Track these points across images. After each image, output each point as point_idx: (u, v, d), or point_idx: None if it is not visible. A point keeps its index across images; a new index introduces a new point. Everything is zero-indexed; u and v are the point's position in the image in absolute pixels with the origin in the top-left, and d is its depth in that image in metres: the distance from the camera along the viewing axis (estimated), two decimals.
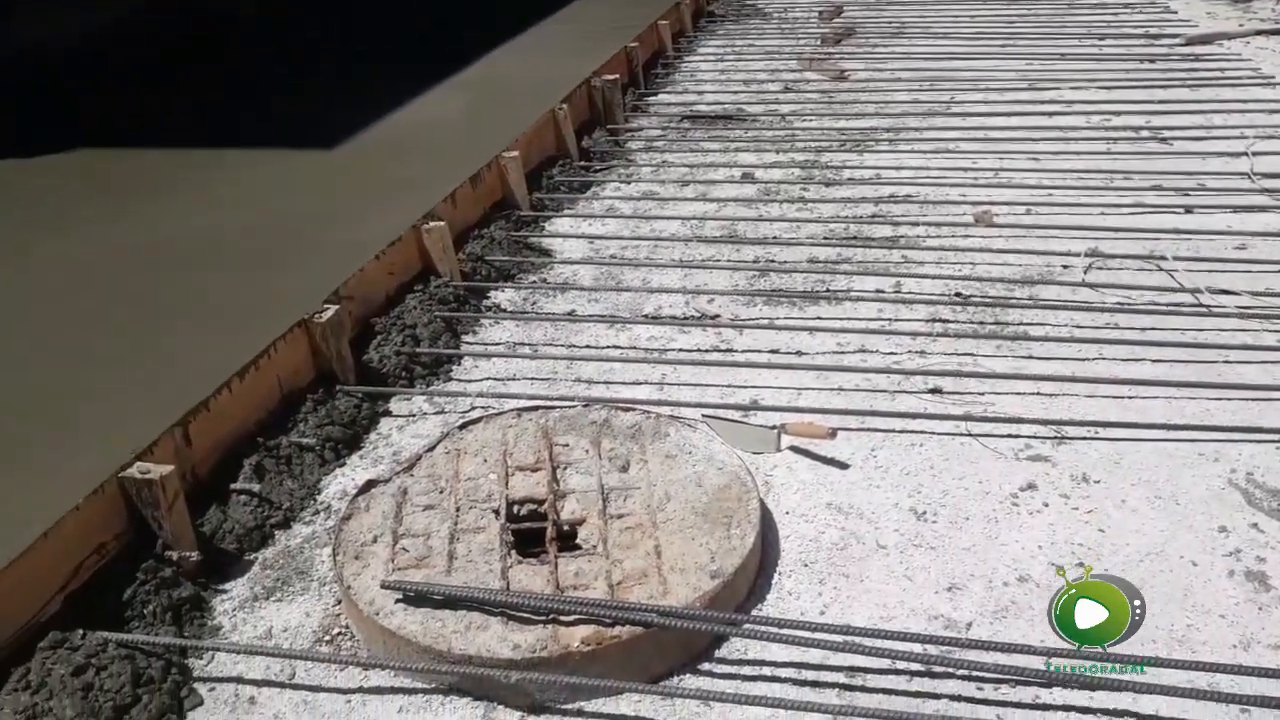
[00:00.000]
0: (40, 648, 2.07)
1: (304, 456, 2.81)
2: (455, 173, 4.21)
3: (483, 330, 3.60)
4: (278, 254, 3.64)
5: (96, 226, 4.04)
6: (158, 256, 3.71)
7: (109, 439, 2.46)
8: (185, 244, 3.80)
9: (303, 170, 4.59)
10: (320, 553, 2.52)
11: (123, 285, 3.51)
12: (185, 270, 3.57)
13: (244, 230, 3.89)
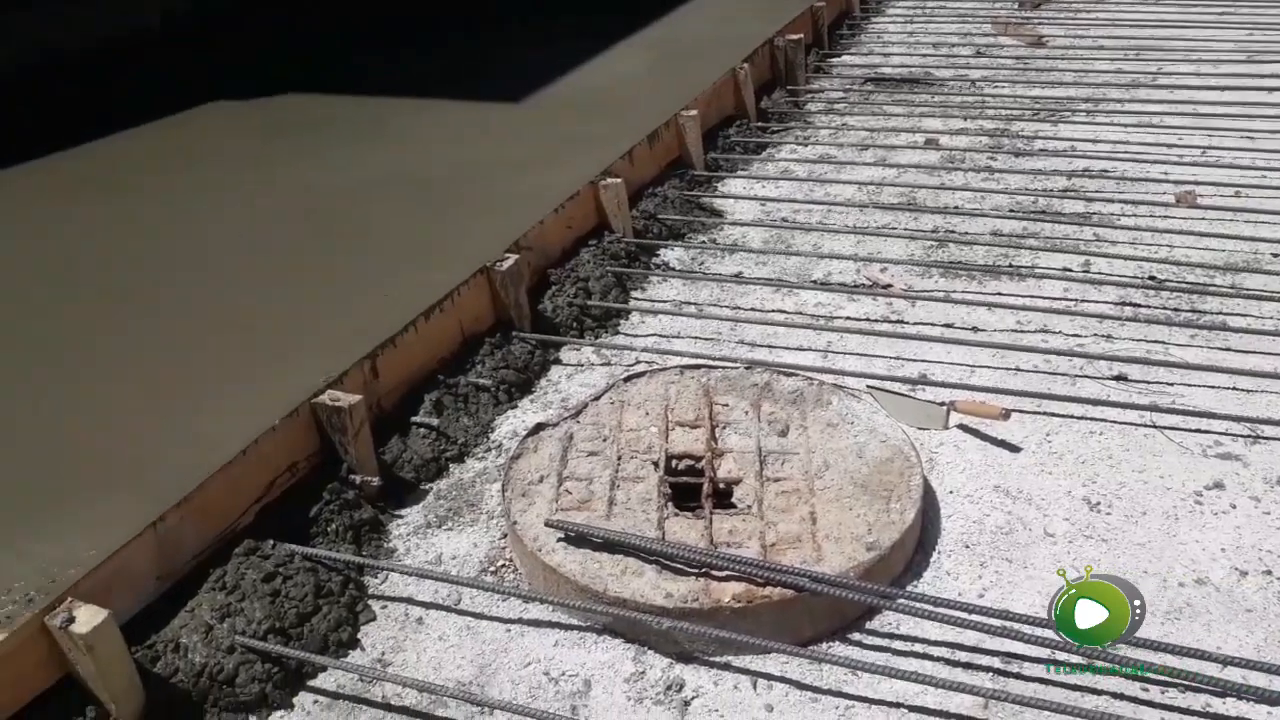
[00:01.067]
0: (236, 553, 2.26)
1: (480, 396, 2.94)
2: (634, 130, 4.26)
3: (651, 287, 3.65)
4: (465, 201, 3.79)
5: (302, 164, 4.31)
6: (354, 195, 3.92)
7: (305, 365, 2.63)
8: (380, 185, 4.00)
9: (491, 122, 4.74)
10: (490, 488, 2.64)
11: (323, 220, 3.74)
12: (380, 210, 3.77)
13: (434, 177, 4.06)
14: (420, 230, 3.58)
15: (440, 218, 3.67)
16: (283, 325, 2.98)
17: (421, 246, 3.42)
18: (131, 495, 2.19)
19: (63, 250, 3.67)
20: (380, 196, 3.91)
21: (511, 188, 3.85)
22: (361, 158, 4.37)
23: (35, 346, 2.97)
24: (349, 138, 4.66)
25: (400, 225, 3.64)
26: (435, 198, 3.87)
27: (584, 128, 4.47)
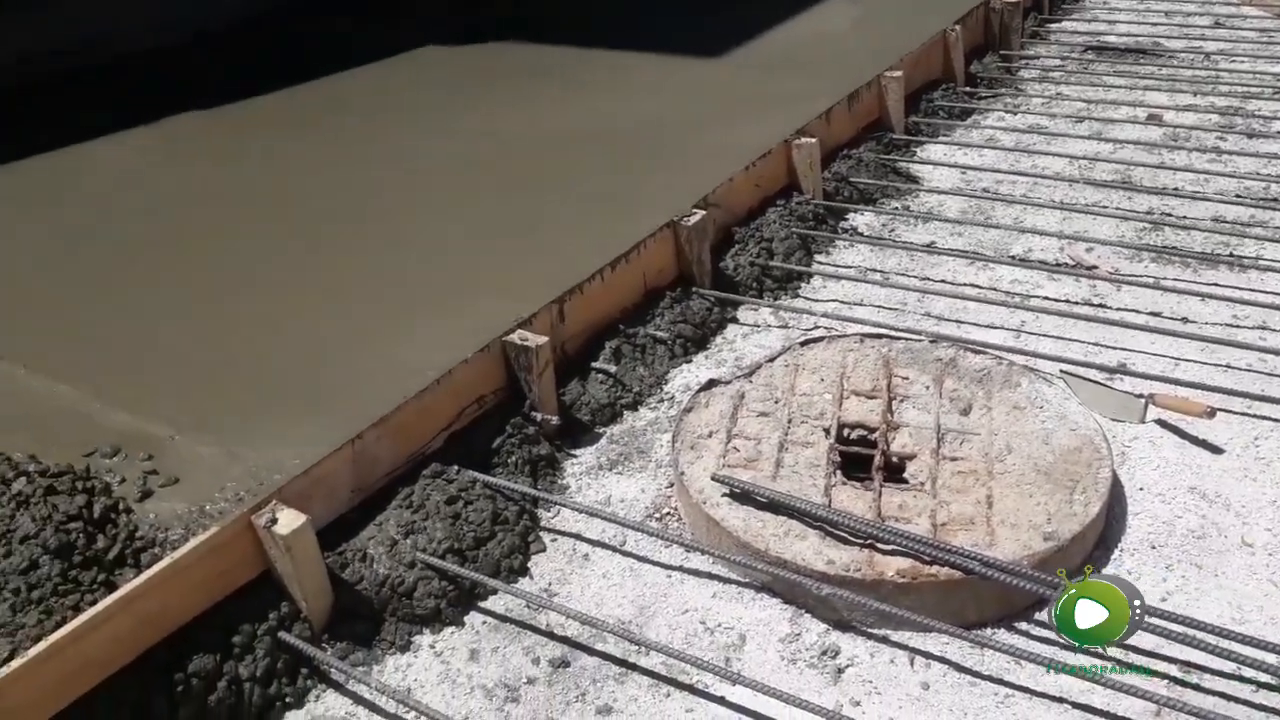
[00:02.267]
0: (423, 475, 2.40)
1: (656, 348, 2.99)
2: (833, 90, 4.17)
3: (836, 251, 3.59)
4: (657, 154, 3.82)
5: (505, 111, 4.46)
6: (552, 143, 4.03)
7: (498, 305, 2.75)
8: (577, 135, 4.10)
9: (689, 77, 4.75)
10: (660, 438, 2.70)
11: (522, 166, 3.87)
12: (575, 159, 3.86)
13: (629, 129, 4.12)
14: (612, 181, 3.64)
15: (632, 170, 3.72)
16: (479, 265, 3.11)
17: (612, 197, 3.49)
18: (335, 413, 2.36)
19: (286, 183, 3.93)
20: (577, 146, 4.00)
21: (703, 143, 3.86)
22: (561, 107, 4.47)
23: (258, 272, 3.21)
24: (551, 87, 4.78)
25: (593, 175, 3.71)
26: (628, 150, 3.92)
27: (782, 85, 4.41)
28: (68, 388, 2.59)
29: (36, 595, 1.88)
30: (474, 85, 4.96)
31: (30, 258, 3.43)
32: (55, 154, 4.38)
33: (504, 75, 5.05)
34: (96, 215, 3.74)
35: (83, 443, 2.34)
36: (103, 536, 2.01)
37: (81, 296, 3.11)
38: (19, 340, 2.84)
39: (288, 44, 6.04)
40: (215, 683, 1.92)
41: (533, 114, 4.40)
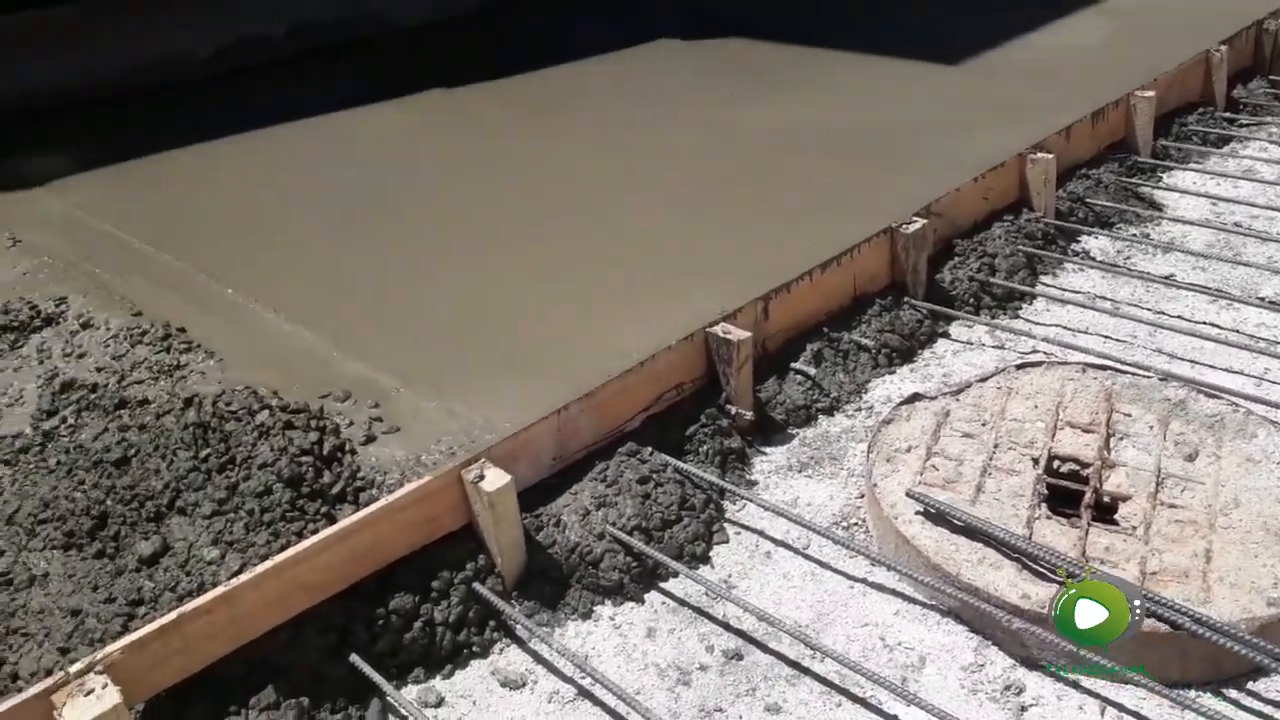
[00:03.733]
0: (619, 452, 2.47)
1: (860, 355, 2.95)
2: (1077, 105, 3.96)
3: (1064, 274, 3.42)
4: (882, 157, 3.76)
5: (734, 106, 4.50)
6: (777, 139, 4.04)
7: (705, 295, 2.79)
8: (803, 132, 4.09)
9: (923, 82, 4.63)
10: (855, 446, 2.66)
11: (744, 160, 3.90)
12: (798, 157, 3.85)
13: (856, 129, 4.07)
14: (833, 182, 3.60)
15: (855, 171, 3.67)
16: (692, 255, 3.16)
17: (831, 198, 3.46)
18: (545, 383, 2.47)
19: (522, 162, 4.13)
20: (802, 144, 3.99)
21: (932, 150, 3.76)
22: (791, 104, 4.47)
23: (492, 243, 3.40)
24: (782, 84, 4.77)
25: (816, 174, 3.69)
26: (854, 151, 3.87)
27: (1021, 96, 4.23)
28: (312, 334, 2.83)
29: (267, 518, 2.07)
30: (705, 80, 5.03)
31: (297, 211, 3.77)
32: (325, 118, 4.78)
33: (736, 71, 5.09)
34: (356, 178, 4.06)
35: (320, 385, 2.55)
36: (329, 472, 2.19)
37: (333, 251, 3.38)
38: (276, 286, 3.12)
39: (530, 31, 6.31)
40: (412, 622, 2.05)
41: (762, 110, 4.42)
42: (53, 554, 2.11)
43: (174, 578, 1.97)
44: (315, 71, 5.77)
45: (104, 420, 2.47)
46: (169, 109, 5.28)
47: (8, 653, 1.94)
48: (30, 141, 4.87)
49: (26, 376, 2.82)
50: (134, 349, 2.84)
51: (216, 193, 4.04)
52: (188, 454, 2.21)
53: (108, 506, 2.17)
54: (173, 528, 2.09)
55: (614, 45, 5.58)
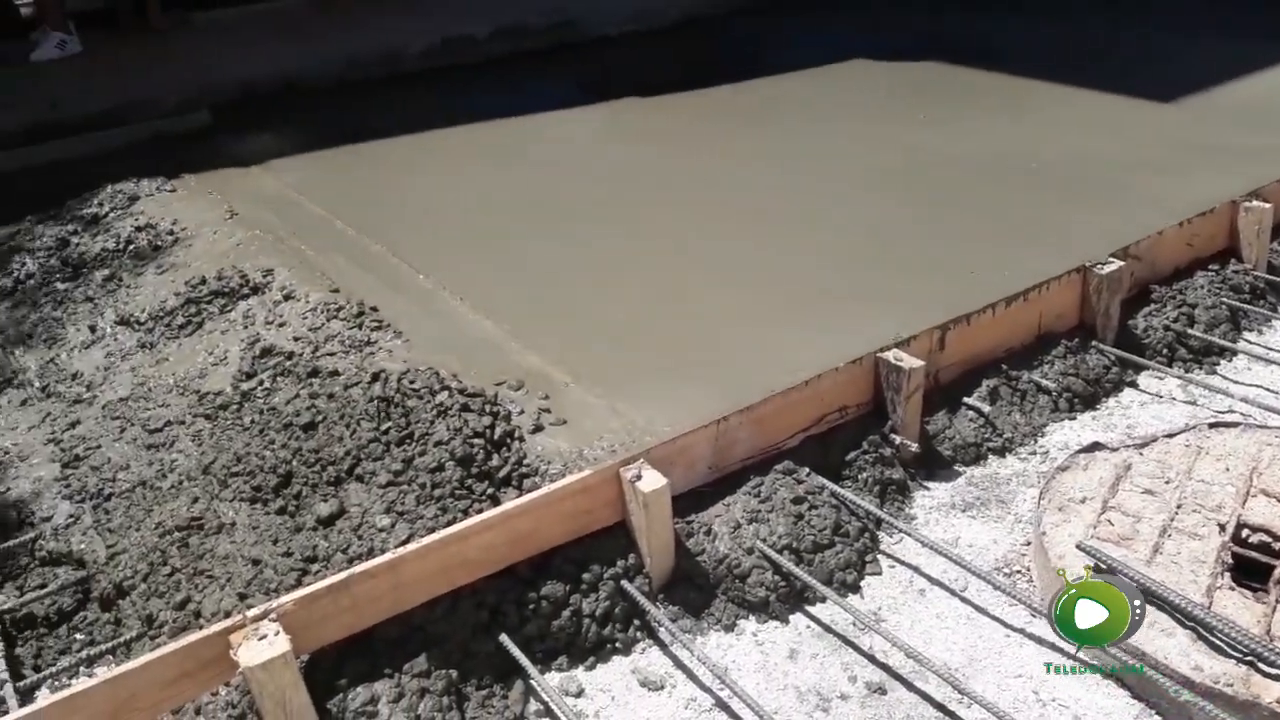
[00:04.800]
0: (775, 469, 2.46)
1: (1039, 397, 2.83)
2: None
3: (1271, 332, 3.18)
4: (1080, 193, 3.60)
5: (927, 129, 4.41)
6: (969, 166, 3.93)
7: (880, 318, 2.74)
8: (997, 161, 3.96)
9: (1131, 117, 4.40)
10: (1025, 491, 2.55)
11: (933, 184, 3.81)
12: (989, 185, 3.74)
13: (1055, 162, 3.91)
14: (1026, 214, 3.48)
15: (1051, 205, 3.52)
16: (872, 276, 3.11)
17: (1023, 230, 3.33)
18: (708, 391, 2.49)
19: (709, 171, 4.18)
20: (993, 172, 3.87)
21: (1136, 189, 3.57)
22: (987, 131, 4.34)
23: (671, 247, 3.45)
24: (979, 110, 4.65)
25: (1009, 205, 3.57)
26: (1052, 184, 3.72)
27: (1241, 140, 3.96)
28: (493, 324, 2.95)
29: (438, 493, 2.17)
30: (899, 101, 4.96)
31: (489, 206, 3.94)
32: (523, 118, 4.99)
33: (932, 94, 4.99)
34: (547, 178, 4.21)
35: (496, 373, 2.66)
36: (497, 456, 2.28)
37: (520, 247, 3.52)
38: (464, 276, 3.27)
39: (726, 45, 6.37)
40: (561, 610, 2.11)
41: (956, 135, 4.31)
42: (240, 505, 2.28)
43: (346, 540, 2.09)
44: (517, 73, 6.01)
45: (296, 386, 2.65)
46: (382, 101, 5.60)
47: (194, 592, 2.11)
48: (252, 124, 5.28)
49: (231, 339, 3.05)
50: (329, 323, 3.03)
51: (417, 183, 4.27)
52: (370, 425, 2.34)
53: (293, 467, 2.32)
54: (350, 493, 2.22)
55: (810, 62, 5.57)
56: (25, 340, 3.35)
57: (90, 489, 2.52)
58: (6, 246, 3.89)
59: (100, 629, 2.25)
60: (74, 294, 3.54)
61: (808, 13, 6.98)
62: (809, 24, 6.68)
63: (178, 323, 3.19)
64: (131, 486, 2.47)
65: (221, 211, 4.00)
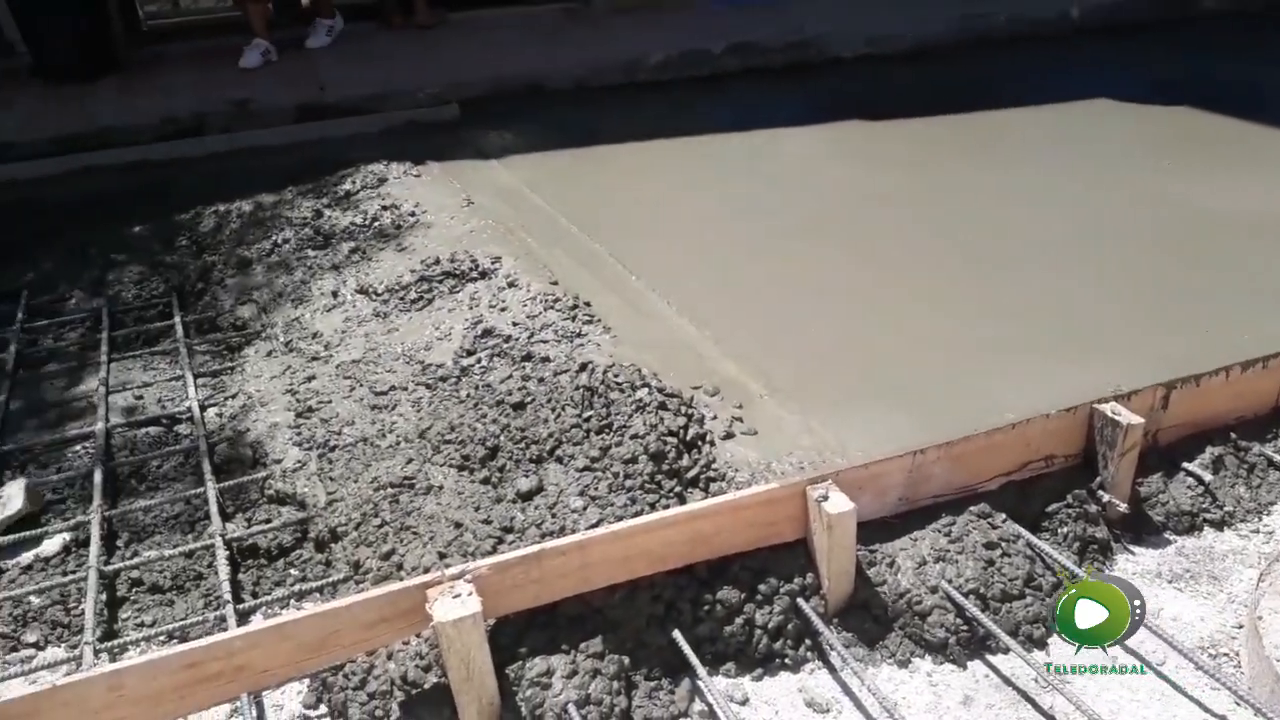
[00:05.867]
0: (970, 510, 2.38)
1: (1269, 473, 2.61)
2: None
3: None
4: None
5: (1172, 178, 4.16)
6: (1218, 220, 3.68)
7: (1101, 368, 2.62)
8: (1251, 218, 3.69)
9: None
10: (1243, 571, 2.37)
11: (1175, 235, 3.59)
12: (1240, 243, 3.48)
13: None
14: (1273, 277, 3.22)
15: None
16: (1094, 324, 2.98)
17: (1267, 294, 3.09)
18: (908, 421, 2.46)
19: (932, 199, 4.11)
20: (1246, 228, 3.60)
21: None
22: (1240, 185, 4.05)
23: (884, 270, 3.43)
24: (1232, 162, 4.33)
25: (1258, 264, 3.31)
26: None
27: None
28: (696, 329, 3.02)
29: (629, 484, 2.24)
30: (1142, 145, 4.69)
31: (707, 216, 4.03)
32: (750, 133, 5.07)
33: (1180, 141, 4.69)
34: (766, 193, 4.27)
35: (694, 377, 2.72)
36: (688, 457, 2.33)
37: (731, 257, 3.58)
38: (673, 280, 3.36)
39: (960, 75, 6.21)
40: (734, 616, 2.13)
41: (1204, 186, 4.04)
42: (449, 471, 2.44)
43: (541, 516, 2.20)
44: (747, 89, 6.09)
45: (510, 368, 2.80)
46: (616, 107, 5.81)
47: (399, 545, 2.27)
48: (496, 120, 5.59)
49: (457, 318, 3.25)
50: (545, 312, 3.18)
51: (642, 188, 4.41)
52: (574, 411, 2.45)
53: (500, 441, 2.46)
54: (549, 472, 2.33)
55: (1048, 99, 5.35)
56: (277, 299, 3.69)
57: (318, 439, 2.75)
58: (270, 213, 4.31)
59: (312, 568, 2.46)
60: (322, 262, 3.87)
61: (1051, 47, 6.70)
62: (1052, 59, 6.41)
63: (410, 297, 3.43)
64: (354, 441, 2.68)
65: (460, 199, 4.26)
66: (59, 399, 3.21)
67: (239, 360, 3.36)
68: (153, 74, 6.50)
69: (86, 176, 4.99)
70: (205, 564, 2.45)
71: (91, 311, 3.72)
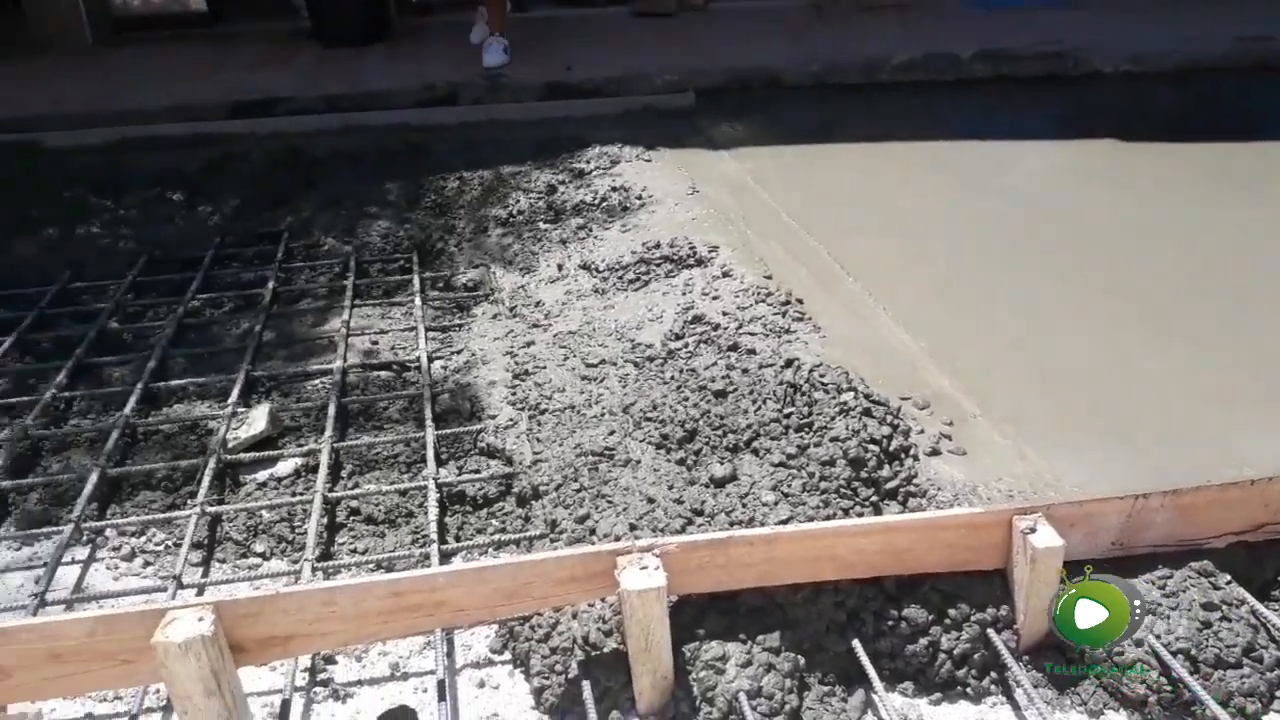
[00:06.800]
0: (1191, 566, 2.19)
1: None
2: None
3: None
4: None
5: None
6: None
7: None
8: None
9: None
10: None
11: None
12: None
13: None
14: None
15: None
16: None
17: None
18: (1133, 462, 2.31)
19: (1183, 231, 3.82)
20: None
21: None
22: None
23: (1125, 299, 3.24)
24: None
25: None
26: None
27: None
28: (911, 339, 2.94)
29: (824, 486, 2.23)
30: None
31: (934, 225, 3.92)
32: (991, 143, 4.88)
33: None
34: (1003, 208, 4.12)
35: (904, 387, 2.66)
36: (888, 468, 2.29)
37: (957, 270, 3.47)
38: (892, 286, 3.30)
39: (1231, 97, 5.72)
40: (919, 636, 2.08)
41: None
42: (647, 447, 2.50)
43: (732, 504, 2.22)
44: (993, 98, 5.85)
45: (716, 355, 2.83)
46: (853, 106, 5.73)
47: (594, 511, 2.35)
48: (729, 111, 5.63)
49: (670, 302, 3.32)
50: (756, 305, 3.19)
51: (870, 190, 4.33)
52: (775, 405, 2.45)
53: (698, 426, 2.50)
54: (744, 463, 2.35)
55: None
56: (507, 265, 3.88)
57: (530, 401, 2.88)
58: (510, 184, 4.52)
59: (511, 520, 2.58)
60: (551, 234, 4.04)
61: None
62: None
63: (628, 277, 3.53)
64: (563, 408, 2.79)
65: (686, 186, 4.33)
66: (305, 335, 3.51)
67: (467, 319, 3.56)
68: (418, 44, 6.97)
69: (349, 134, 5.40)
70: (416, 504, 2.62)
71: (341, 258, 4.04)
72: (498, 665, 2.16)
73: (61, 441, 2.91)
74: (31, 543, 2.54)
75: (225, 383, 3.13)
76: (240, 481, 2.74)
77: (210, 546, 2.51)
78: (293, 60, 6.64)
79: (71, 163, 4.93)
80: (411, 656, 2.19)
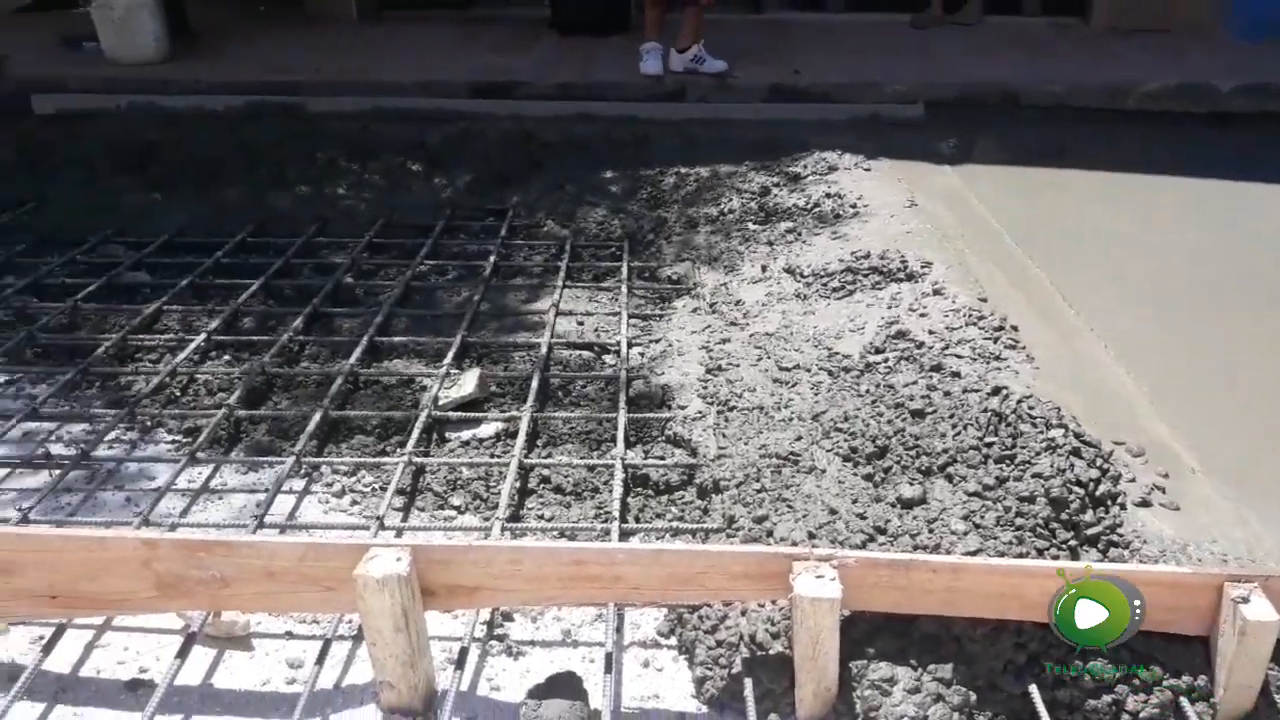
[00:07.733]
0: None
1: None
2: None
3: None
4: None
5: None
6: None
7: None
8: None
9: None
10: None
11: None
12: None
13: None
14: None
15: None
16: None
17: None
18: None
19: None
20: None
21: None
22: None
23: None
24: None
25: None
26: None
27: None
28: (1132, 381, 2.78)
29: (1019, 522, 2.14)
30: None
31: (1171, 262, 3.68)
32: (1249, 185, 4.53)
33: None
34: (1241, 249, 3.82)
35: (1118, 431, 2.51)
36: (1092, 513, 2.17)
37: (1175, 311, 3.26)
38: (1115, 323, 3.14)
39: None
40: (1102, 691, 1.96)
41: None
42: (833, 458, 2.47)
43: (918, 527, 2.17)
44: (1254, 135, 5.39)
45: (917, 374, 2.77)
46: (1095, 132, 5.43)
47: (773, 513, 2.35)
48: (959, 126, 5.45)
49: (873, 314, 3.26)
50: (966, 327, 3.09)
51: (1102, 220, 4.11)
52: (976, 433, 2.37)
53: (890, 443, 2.45)
54: (935, 487, 2.29)
55: None
56: (712, 262, 3.93)
57: (720, 396, 2.91)
58: (724, 183, 4.57)
59: (690, 510, 2.62)
60: (759, 236, 4.05)
61: None
62: None
63: (833, 285, 3.49)
64: (751, 407, 2.80)
65: (903, 199, 4.23)
66: (517, 309, 3.68)
67: (668, 310, 3.63)
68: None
69: (579, 122, 5.60)
70: (603, 480, 2.71)
71: (558, 241, 4.20)
72: (663, 649, 2.20)
73: (291, 380, 3.18)
74: (256, 469, 2.79)
75: (441, 345, 3.33)
76: (445, 438, 2.91)
77: (412, 494, 2.68)
78: (533, 47, 6.93)
79: (328, 126, 5.35)
80: (583, 626, 2.26)
